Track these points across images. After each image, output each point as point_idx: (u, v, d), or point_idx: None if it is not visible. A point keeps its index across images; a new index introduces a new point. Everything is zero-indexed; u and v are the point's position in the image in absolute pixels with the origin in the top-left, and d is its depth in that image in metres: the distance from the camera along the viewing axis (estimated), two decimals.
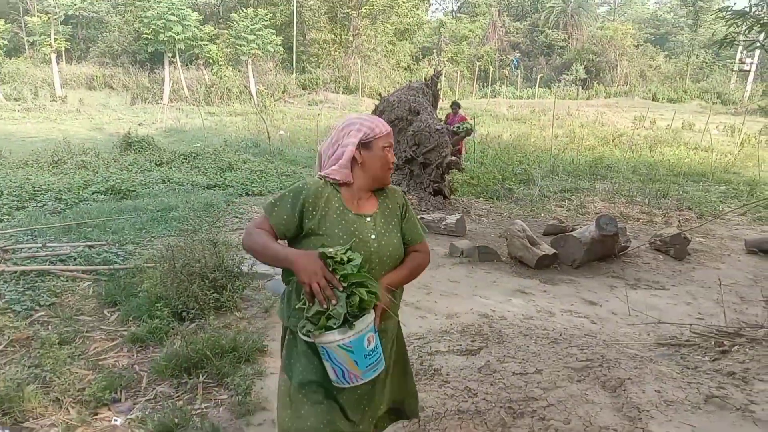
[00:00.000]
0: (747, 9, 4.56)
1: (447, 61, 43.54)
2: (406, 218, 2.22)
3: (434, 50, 46.38)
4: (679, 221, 9.16)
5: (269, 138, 15.17)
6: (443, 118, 11.61)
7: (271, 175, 11.39)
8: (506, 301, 5.43)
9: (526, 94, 40.12)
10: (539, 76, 42.21)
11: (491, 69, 44.55)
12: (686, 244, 7.30)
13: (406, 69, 42.07)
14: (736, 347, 4.25)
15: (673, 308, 5.55)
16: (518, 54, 49.07)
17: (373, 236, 2.07)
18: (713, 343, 4.37)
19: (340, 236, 2.01)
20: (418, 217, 2.32)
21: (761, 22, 4.39)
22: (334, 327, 1.84)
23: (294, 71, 37.81)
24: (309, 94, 34.60)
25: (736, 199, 11.45)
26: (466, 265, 6.53)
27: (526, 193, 11.08)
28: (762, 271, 6.95)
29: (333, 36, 39.70)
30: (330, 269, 1.86)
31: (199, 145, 14.86)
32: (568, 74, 42.66)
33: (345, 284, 1.85)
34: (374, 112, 10.41)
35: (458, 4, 60.02)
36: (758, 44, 4.81)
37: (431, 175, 9.33)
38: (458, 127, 10.67)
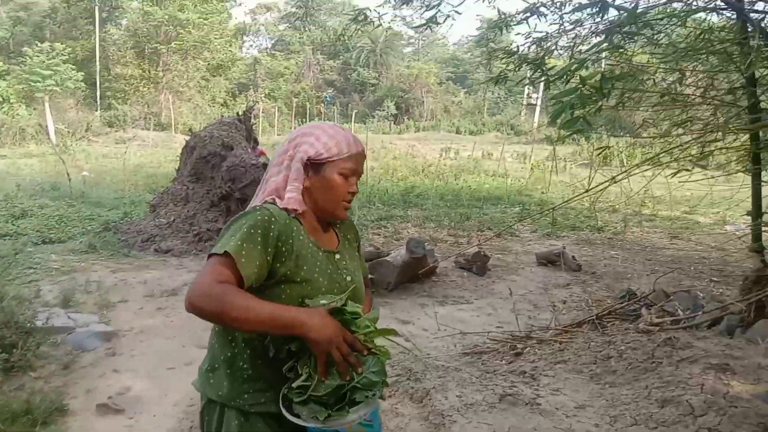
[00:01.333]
0: (515, 48, 5.15)
1: (264, 97, 43.61)
2: (360, 251, 1.95)
3: (251, 86, 46.24)
4: (479, 240, 10.06)
5: (70, 180, 13.94)
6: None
7: (72, 220, 10.47)
8: None
9: None
10: (354, 111, 43.94)
11: (308, 105, 45.46)
12: (486, 260, 8.03)
13: (222, 104, 41.34)
14: (527, 349, 4.76)
15: (477, 319, 6.06)
16: (333, 91, 50.69)
17: (348, 277, 1.74)
18: (509, 347, 4.86)
19: (321, 282, 1.64)
20: None
21: (527, 60, 4.98)
22: (361, 400, 1.45)
23: (98, 108, 35.30)
24: (116, 131, 32.46)
25: (529, 217, 12.87)
26: None
27: None
28: (550, 280, 7.86)
29: (141, 71, 37.82)
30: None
31: None
32: (380, 110, 44.97)
33: (369, 344, 1.51)
34: (185, 149, 10.11)
35: (272, 42, 60.66)
36: (526, 80, 5.51)
37: None
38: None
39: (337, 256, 1.75)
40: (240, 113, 10.75)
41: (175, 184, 9.92)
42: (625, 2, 4.60)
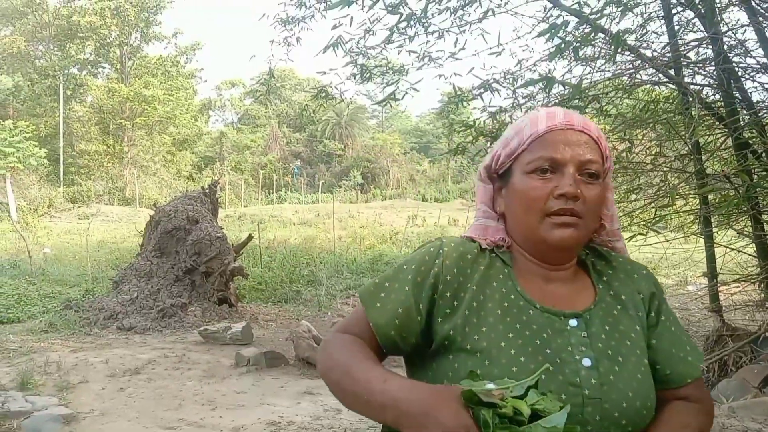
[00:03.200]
0: (472, 122, 5.38)
1: (231, 169, 43.84)
2: (660, 325, 1.13)
3: (217, 159, 46.53)
4: None
5: (30, 257, 13.61)
6: None
7: (33, 298, 10.17)
8: (295, 405, 5.42)
9: (311, 199, 41.74)
10: (321, 182, 44.43)
11: (275, 176, 45.80)
12: None
13: (188, 178, 41.34)
14: None
15: None
16: (299, 162, 51.30)
17: (586, 361, 1.02)
18: None
19: (512, 356, 1.00)
20: (202, 329, 1.26)
21: (483, 133, 5.20)
22: None
23: (61, 184, 34.94)
24: (79, 207, 32.05)
25: None
26: (254, 374, 6.42)
27: (314, 293, 11.34)
28: None
29: (105, 147, 37.85)
30: None
31: None
32: (347, 180, 45.55)
33: None
34: (149, 224, 10.06)
35: (238, 117, 61.60)
36: (484, 152, 5.72)
37: (215, 283, 9.15)
38: None
39: (573, 324, 1.05)
40: (205, 187, 10.79)
41: (139, 259, 9.79)
42: (573, 77, 4.90)
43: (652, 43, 5.46)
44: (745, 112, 4.82)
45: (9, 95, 41.51)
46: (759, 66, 4.90)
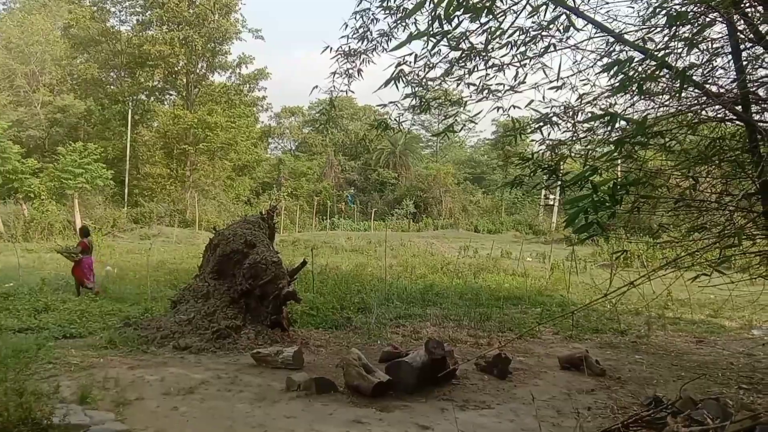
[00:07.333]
0: (530, 155, 5.34)
1: (287, 195, 44.76)
2: None
3: (274, 185, 47.63)
4: (500, 342, 9.89)
5: (93, 275, 14.19)
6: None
7: (94, 315, 10.59)
8: None
9: (363, 227, 42.06)
10: (374, 210, 44.73)
11: (329, 203, 46.45)
12: (507, 363, 7.87)
13: (246, 203, 42.45)
14: None
15: (499, 426, 5.88)
16: (353, 190, 51.90)
17: None
18: None
19: None
20: (254, 351, 1.51)
21: (541, 166, 5.16)
22: None
23: (126, 205, 36.44)
24: (141, 227, 33.30)
25: (550, 319, 12.66)
26: (304, 399, 6.45)
27: (364, 321, 11.35)
28: (574, 385, 7.64)
29: (168, 170, 39.39)
30: None
31: (12, 284, 13.46)
32: (399, 208, 45.73)
33: None
34: (208, 246, 10.34)
35: (296, 144, 63.04)
36: (542, 185, 5.68)
37: (268, 307, 9.29)
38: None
39: None
40: (263, 212, 11.04)
41: (197, 280, 10.05)
42: (635, 112, 4.82)
43: (719, 78, 5.33)
44: None
45: (81, 119, 43.90)
46: None
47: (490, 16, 4.32)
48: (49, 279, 14.71)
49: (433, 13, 4.49)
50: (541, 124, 4.85)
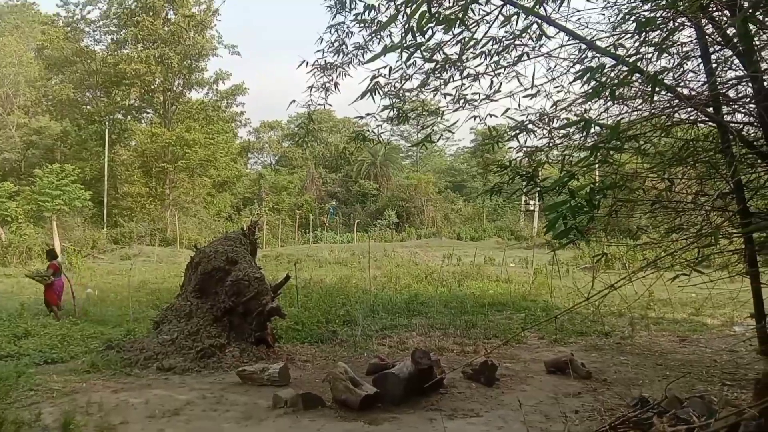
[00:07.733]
0: (508, 162, 5.38)
1: (268, 210, 44.55)
2: None
3: (255, 200, 47.41)
4: (485, 349, 9.90)
5: (74, 298, 13.97)
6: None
7: (75, 339, 10.40)
8: None
9: (346, 239, 41.95)
10: (356, 221, 44.69)
11: (311, 216, 46.32)
12: (494, 370, 7.88)
13: (227, 219, 42.17)
14: None
15: None
16: (335, 202, 51.83)
17: None
18: None
19: None
20: (239, 369, 1.53)
21: (519, 173, 5.20)
22: None
23: (105, 225, 36.01)
24: (121, 248, 32.90)
25: (535, 324, 12.71)
26: (291, 416, 6.39)
27: (350, 333, 11.29)
28: (561, 389, 7.66)
29: (147, 189, 39.04)
30: None
31: None
32: (382, 219, 45.73)
33: None
34: (190, 265, 10.24)
35: (276, 158, 62.87)
36: (521, 191, 5.73)
37: (252, 324, 9.21)
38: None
39: None
40: (245, 227, 10.98)
41: (179, 299, 9.94)
42: (609, 117, 4.89)
43: (690, 81, 5.44)
44: None
45: (57, 140, 43.38)
46: None
47: (463, 27, 4.37)
48: (28, 304, 14.44)
49: (406, 26, 4.52)
50: (518, 131, 4.90)
